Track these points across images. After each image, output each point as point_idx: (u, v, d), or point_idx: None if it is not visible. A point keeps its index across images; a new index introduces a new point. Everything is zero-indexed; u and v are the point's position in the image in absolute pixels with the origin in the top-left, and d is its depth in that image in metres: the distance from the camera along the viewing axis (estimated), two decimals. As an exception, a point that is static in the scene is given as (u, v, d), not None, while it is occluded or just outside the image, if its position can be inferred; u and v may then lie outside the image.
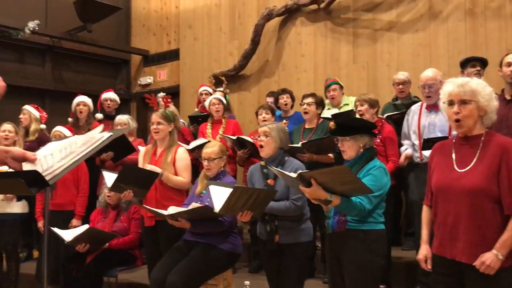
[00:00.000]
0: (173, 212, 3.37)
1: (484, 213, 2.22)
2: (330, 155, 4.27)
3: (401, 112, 4.50)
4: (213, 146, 3.65)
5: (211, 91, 5.84)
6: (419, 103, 4.25)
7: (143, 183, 3.63)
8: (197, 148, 4.55)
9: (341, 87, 5.14)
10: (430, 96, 4.06)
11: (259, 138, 3.34)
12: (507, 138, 2.35)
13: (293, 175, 2.59)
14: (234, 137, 4.73)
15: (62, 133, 4.78)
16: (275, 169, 2.93)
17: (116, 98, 5.92)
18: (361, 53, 6.20)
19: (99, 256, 4.23)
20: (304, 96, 4.58)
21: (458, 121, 2.31)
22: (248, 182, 3.47)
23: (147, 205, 3.65)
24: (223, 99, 5.24)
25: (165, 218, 3.42)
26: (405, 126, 4.28)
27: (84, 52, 8.07)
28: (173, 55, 8.16)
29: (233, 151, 4.86)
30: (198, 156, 4.45)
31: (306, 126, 4.59)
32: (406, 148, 4.20)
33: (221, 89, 5.76)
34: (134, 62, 8.77)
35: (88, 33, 7.55)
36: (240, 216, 3.09)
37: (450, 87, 2.35)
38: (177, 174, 3.84)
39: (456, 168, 2.33)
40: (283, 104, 5.12)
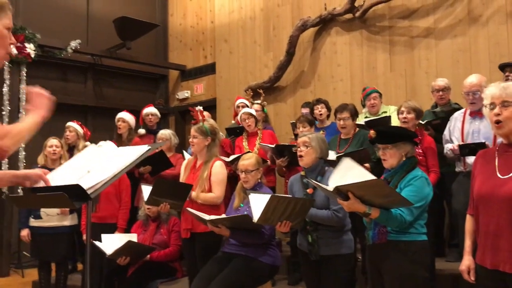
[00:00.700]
0: (214, 218, 3.39)
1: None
2: (366, 164, 4.20)
3: (441, 117, 4.38)
4: (250, 158, 3.66)
5: (248, 104, 5.88)
6: (463, 110, 4.14)
7: (177, 195, 3.66)
8: (236, 160, 4.58)
9: (381, 95, 5.08)
10: (474, 103, 3.95)
11: (299, 149, 3.33)
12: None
13: (330, 188, 2.56)
14: (273, 145, 4.74)
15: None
16: (313, 182, 2.92)
17: (157, 113, 6.09)
18: (398, 61, 6.11)
19: (141, 269, 4.30)
20: (337, 110, 4.46)
21: (498, 122, 2.24)
22: (289, 193, 3.45)
23: (185, 219, 3.66)
24: (253, 111, 5.26)
25: (206, 223, 3.43)
26: (446, 134, 4.16)
27: (123, 68, 8.29)
28: (210, 69, 8.28)
29: (272, 162, 4.86)
30: (236, 169, 4.48)
31: (342, 136, 4.53)
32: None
33: (259, 101, 5.78)
34: (172, 77, 8.95)
35: (127, 50, 7.76)
36: (279, 226, 3.06)
37: (492, 90, 2.29)
38: (211, 189, 3.85)
39: (499, 174, 2.25)
40: (318, 114, 5.10)
